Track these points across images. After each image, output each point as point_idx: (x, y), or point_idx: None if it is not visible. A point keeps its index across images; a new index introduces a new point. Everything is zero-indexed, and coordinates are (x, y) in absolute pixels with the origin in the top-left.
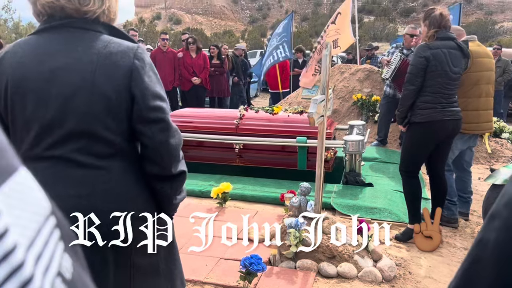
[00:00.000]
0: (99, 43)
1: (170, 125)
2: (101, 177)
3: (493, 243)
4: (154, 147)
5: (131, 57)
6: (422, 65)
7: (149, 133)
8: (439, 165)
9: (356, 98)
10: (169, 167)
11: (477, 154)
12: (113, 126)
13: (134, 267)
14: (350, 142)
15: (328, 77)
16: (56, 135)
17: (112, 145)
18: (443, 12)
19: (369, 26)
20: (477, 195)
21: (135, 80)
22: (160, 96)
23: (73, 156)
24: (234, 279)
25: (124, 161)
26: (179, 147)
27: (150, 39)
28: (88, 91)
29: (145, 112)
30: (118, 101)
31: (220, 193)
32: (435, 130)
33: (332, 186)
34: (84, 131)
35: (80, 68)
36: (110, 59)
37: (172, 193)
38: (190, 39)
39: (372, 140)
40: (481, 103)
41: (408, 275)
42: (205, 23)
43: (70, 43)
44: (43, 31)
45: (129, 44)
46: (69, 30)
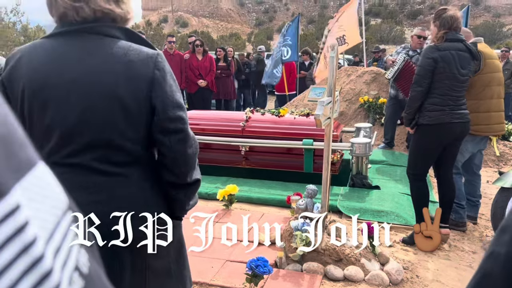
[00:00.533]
0: (118, 50)
1: (189, 135)
2: (119, 183)
3: (504, 256)
4: (172, 157)
5: (152, 67)
6: (430, 66)
7: (168, 143)
8: (447, 168)
9: (362, 101)
10: (185, 176)
11: (486, 157)
12: (133, 136)
13: (149, 269)
14: (357, 144)
15: (335, 79)
16: (76, 144)
17: (131, 153)
18: (455, 14)
19: (376, 28)
20: (485, 198)
21: (155, 91)
22: (180, 105)
23: (92, 164)
24: (240, 281)
25: (141, 168)
26: (196, 156)
27: (157, 42)
28: (108, 101)
29: (165, 122)
30: (139, 111)
31: (226, 195)
32: (443, 133)
33: (338, 188)
34: (103, 141)
35: (99, 78)
36: (131, 69)
37: (186, 200)
38: (198, 41)
39: (379, 143)
40: (493, 105)
41: (416, 278)
42: (211, 26)
43: (88, 50)
44: (59, 36)
45: (149, 52)
46: (86, 36)
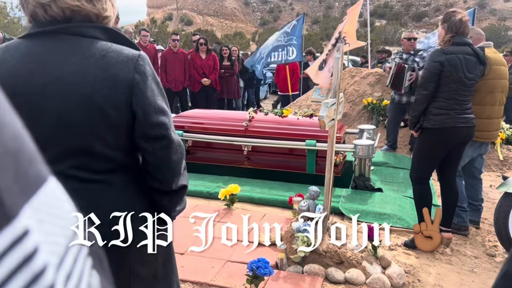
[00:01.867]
0: (96, 52)
1: (172, 141)
2: (101, 191)
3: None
4: (156, 164)
5: (131, 70)
6: (436, 70)
7: (151, 150)
8: (451, 172)
9: (366, 102)
10: (170, 183)
11: (489, 161)
12: (113, 142)
13: (133, 275)
14: (360, 146)
15: (340, 80)
16: (52, 153)
17: (112, 160)
18: (463, 18)
19: (381, 30)
20: (488, 203)
21: (136, 96)
22: (162, 110)
23: (71, 172)
24: (240, 282)
25: (125, 174)
26: (181, 162)
27: (162, 40)
28: (85, 107)
29: (147, 129)
30: (118, 117)
31: (228, 195)
32: (448, 137)
33: (341, 190)
34: (82, 149)
35: (76, 82)
36: (109, 72)
37: (171, 206)
38: (202, 40)
39: (382, 145)
40: (495, 112)
41: (417, 282)
42: (216, 25)
43: (65, 53)
44: (34, 36)
45: (129, 54)
46: (63, 36)
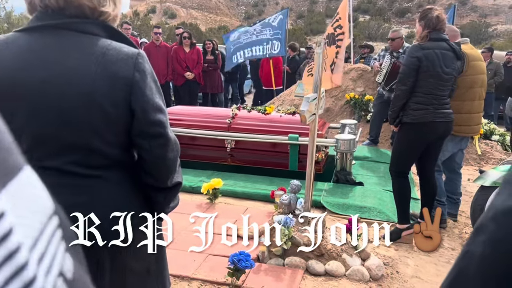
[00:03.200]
0: (96, 49)
1: (170, 139)
2: (98, 186)
3: (479, 257)
4: (152, 161)
5: (131, 68)
6: (414, 65)
7: (148, 147)
8: (429, 166)
9: (349, 97)
10: (165, 180)
11: (467, 155)
12: (112, 139)
13: (128, 271)
14: (342, 140)
15: (321, 75)
16: (50, 148)
17: (110, 157)
18: (440, 15)
19: (364, 25)
20: (466, 196)
21: (135, 94)
22: (160, 108)
23: (68, 167)
24: (222, 275)
25: (121, 170)
26: (176, 160)
27: (144, 33)
28: (85, 104)
29: (145, 127)
30: (117, 115)
31: (211, 189)
32: (426, 131)
33: (322, 184)
34: (80, 145)
35: (76, 79)
36: (109, 70)
37: (165, 203)
38: (185, 33)
39: (364, 139)
40: (475, 106)
41: (396, 274)
42: (200, 18)
43: (65, 49)
44: (34, 30)
45: (129, 51)
46: (63, 32)
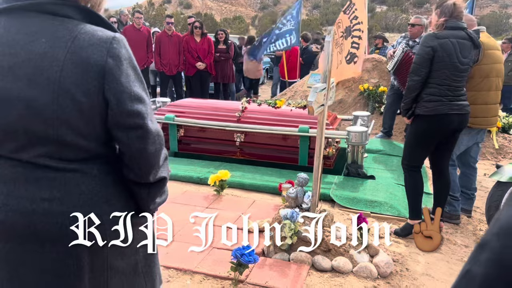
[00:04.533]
0: (67, 33)
1: (149, 131)
2: (74, 180)
3: (481, 278)
4: (131, 155)
5: (104, 54)
6: (428, 55)
7: (125, 140)
8: (443, 160)
9: (362, 89)
10: (146, 175)
11: (484, 149)
12: (86, 131)
13: (110, 269)
14: (353, 133)
15: (331, 64)
16: (21, 140)
17: (86, 150)
18: (457, 2)
19: (381, 16)
20: (481, 191)
21: (108, 83)
22: (138, 97)
23: (41, 161)
24: (225, 269)
25: (101, 163)
26: (159, 154)
27: (159, 23)
28: (54, 94)
29: (121, 118)
30: (90, 105)
31: (218, 180)
32: (440, 124)
33: (333, 177)
34: (51, 137)
35: (44, 66)
36: (79, 56)
37: (149, 198)
38: (197, 23)
39: (377, 132)
40: (491, 97)
41: (405, 271)
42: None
43: (33, 32)
44: (1, 13)
45: (103, 36)
46: (32, 14)
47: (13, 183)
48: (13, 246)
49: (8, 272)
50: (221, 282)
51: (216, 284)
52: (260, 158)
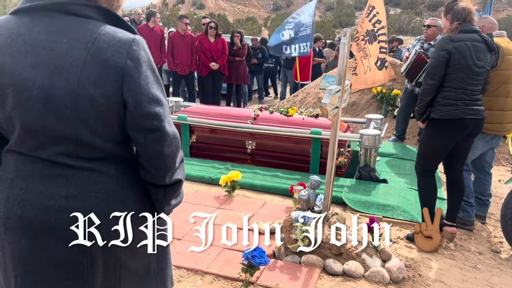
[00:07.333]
0: (87, 34)
1: (166, 133)
2: (91, 178)
3: None
4: (148, 157)
5: (124, 56)
6: (443, 58)
7: (143, 142)
8: (458, 165)
9: (376, 91)
10: (163, 177)
11: (499, 155)
12: (103, 131)
13: (123, 268)
14: (366, 136)
15: (346, 66)
16: (40, 138)
17: (103, 150)
18: (467, 6)
19: (395, 18)
20: (496, 198)
21: (127, 84)
22: (157, 99)
23: (60, 159)
24: (235, 271)
25: (118, 163)
26: (175, 156)
27: (173, 23)
28: (73, 94)
29: (139, 120)
30: (108, 106)
31: (229, 181)
32: (455, 129)
33: (345, 180)
34: (70, 136)
35: (64, 66)
36: (99, 57)
37: (164, 200)
38: (212, 23)
39: (390, 135)
40: (508, 103)
41: (418, 277)
42: (228, 9)
43: (54, 32)
44: (24, 12)
45: (123, 37)
46: (53, 14)
47: (32, 179)
48: (28, 241)
49: (22, 267)
50: (231, 283)
51: (227, 285)
52: (271, 166)
